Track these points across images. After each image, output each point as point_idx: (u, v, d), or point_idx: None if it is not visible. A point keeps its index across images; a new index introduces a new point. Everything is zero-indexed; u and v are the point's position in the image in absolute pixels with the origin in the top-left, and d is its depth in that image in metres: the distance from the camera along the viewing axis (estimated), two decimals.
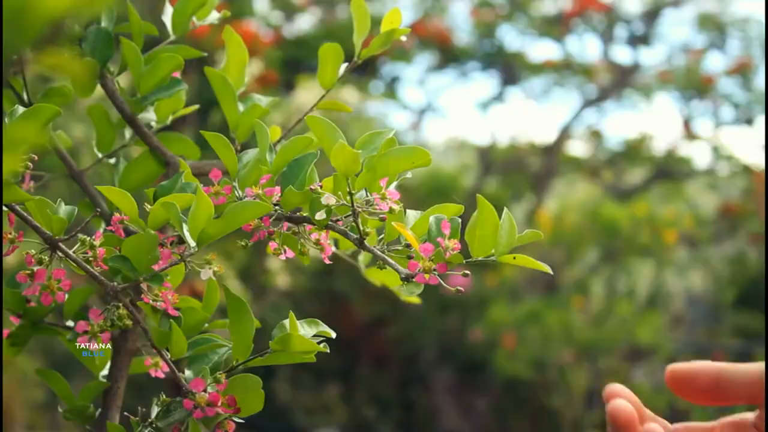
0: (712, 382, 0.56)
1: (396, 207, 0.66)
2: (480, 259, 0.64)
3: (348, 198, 0.65)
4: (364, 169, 0.65)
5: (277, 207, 0.68)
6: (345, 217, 0.68)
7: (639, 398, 0.57)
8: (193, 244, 0.65)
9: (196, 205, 0.64)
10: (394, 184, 0.68)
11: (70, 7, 0.39)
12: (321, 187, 0.67)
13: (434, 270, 0.63)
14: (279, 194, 0.68)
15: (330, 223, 0.68)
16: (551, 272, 0.63)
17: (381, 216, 0.66)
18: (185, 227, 0.65)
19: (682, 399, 0.57)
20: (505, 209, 0.64)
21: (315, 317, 0.70)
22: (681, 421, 0.59)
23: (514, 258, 0.64)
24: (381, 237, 0.69)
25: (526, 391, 4.41)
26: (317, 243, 0.70)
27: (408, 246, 0.67)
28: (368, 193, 0.67)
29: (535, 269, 0.66)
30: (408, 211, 0.68)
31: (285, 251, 0.70)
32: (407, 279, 0.64)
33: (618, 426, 0.54)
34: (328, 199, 0.66)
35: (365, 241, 0.67)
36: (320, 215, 0.67)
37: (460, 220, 0.65)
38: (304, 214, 0.69)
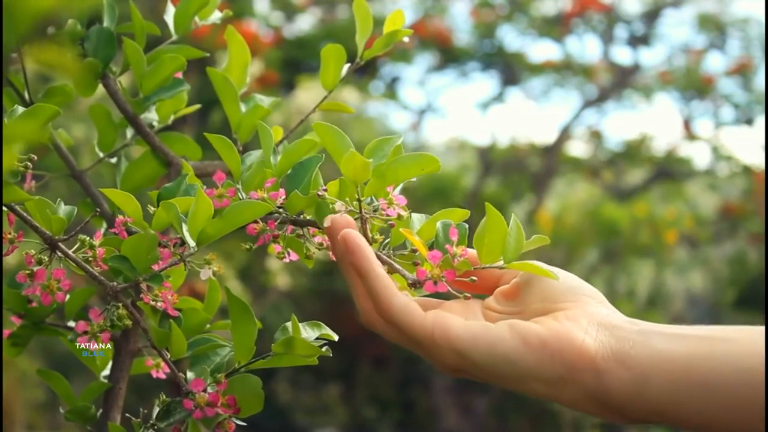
0: (473, 261, 0.65)
1: (404, 213, 0.66)
2: (488, 266, 0.64)
3: (356, 204, 0.65)
4: (374, 176, 0.64)
5: (281, 209, 0.68)
6: None
7: None
8: (192, 244, 0.65)
9: (195, 205, 0.64)
10: (399, 187, 0.68)
11: (59, 2, 0.39)
12: (326, 191, 0.67)
13: (443, 277, 0.63)
14: (284, 197, 0.68)
15: None
16: (558, 279, 0.64)
17: (390, 222, 0.66)
18: (185, 227, 0.65)
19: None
20: (513, 215, 0.64)
21: (315, 317, 0.70)
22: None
23: (522, 264, 0.64)
24: (386, 241, 0.68)
25: None
26: (321, 245, 0.70)
27: (414, 251, 0.67)
28: (375, 199, 0.67)
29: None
30: (413, 215, 0.68)
31: (288, 254, 0.70)
32: (414, 285, 0.64)
33: (329, 234, 0.65)
34: (339, 207, 0.66)
35: (372, 246, 0.67)
36: (327, 222, 0.66)
37: (467, 226, 0.65)
38: (308, 217, 0.69)
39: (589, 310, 0.61)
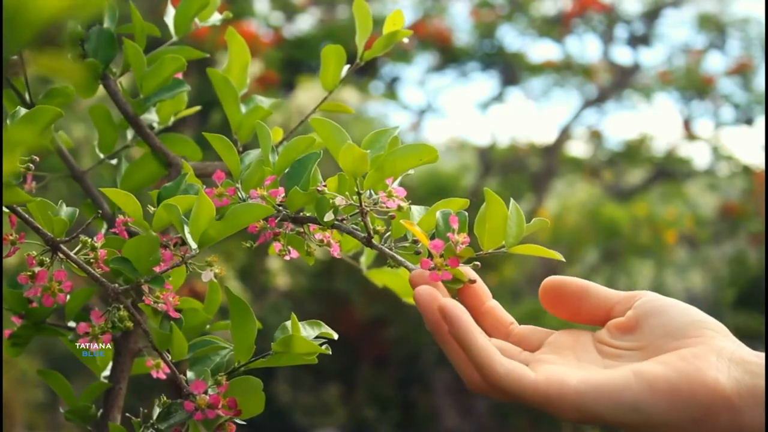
0: (581, 290, 0.64)
1: (404, 204, 0.66)
2: (491, 251, 0.64)
3: (356, 198, 0.65)
4: (372, 168, 0.64)
5: (280, 207, 0.68)
6: (350, 216, 0.68)
7: None
8: (194, 245, 0.65)
9: (197, 206, 0.64)
10: (398, 181, 0.68)
11: (66, 7, 0.39)
12: (326, 187, 0.67)
13: (446, 265, 0.63)
14: (283, 195, 0.68)
15: (336, 222, 0.68)
16: (563, 260, 0.64)
17: (390, 214, 0.66)
18: (186, 229, 0.65)
19: (552, 314, 0.65)
20: (512, 201, 0.64)
21: (315, 317, 0.70)
22: None
23: (525, 247, 0.64)
24: (387, 235, 0.68)
25: None
26: (322, 242, 0.70)
27: (415, 242, 0.67)
28: (374, 192, 0.67)
29: (535, 270, 0.66)
30: (412, 207, 0.68)
31: (289, 252, 0.70)
32: None
33: (422, 305, 0.61)
34: (340, 201, 0.66)
35: (372, 240, 0.67)
36: (329, 216, 0.66)
37: (467, 214, 0.65)
38: (308, 214, 0.69)
39: (717, 345, 0.58)
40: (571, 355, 0.62)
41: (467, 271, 0.64)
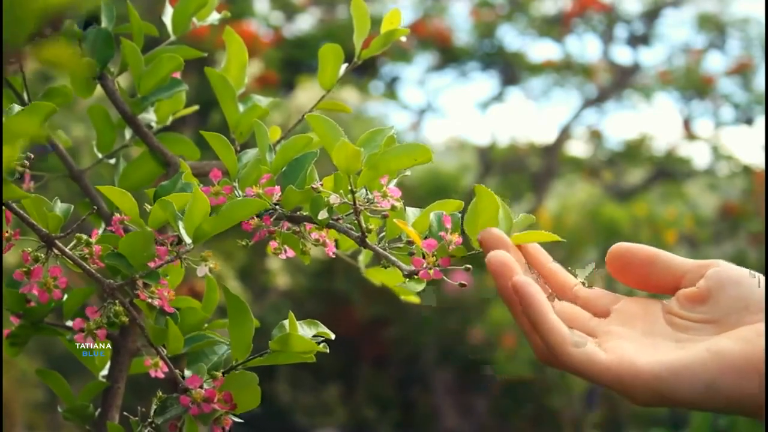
0: (650, 257, 0.62)
1: (398, 204, 0.66)
2: (481, 250, 0.64)
3: (350, 196, 0.65)
4: (366, 166, 0.64)
5: (277, 206, 0.68)
6: (346, 215, 0.68)
7: None
8: (189, 240, 0.65)
9: (192, 201, 0.64)
10: (395, 181, 0.68)
11: (68, 0, 0.39)
12: (322, 185, 0.67)
13: (438, 265, 0.63)
14: (279, 193, 0.68)
15: (331, 221, 0.68)
16: (563, 240, 0.63)
17: (383, 213, 0.66)
18: (181, 224, 0.65)
19: (619, 281, 0.64)
20: (499, 200, 0.63)
21: (315, 317, 0.70)
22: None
23: (526, 235, 0.63)
24: (382, 235, 0.68)
25: (526, 391, 4.41)
26: (318, 241, 0.70)
27: (409, 243, 0.67)
28: (369, 191, 0.67)
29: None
30: (408, 208, 0.68)
31: (285, 251, 0.70)
32: (410, 276, 0.64)
33: (495, 273, 0.60)
34: (334, 199, 0.66)
35: (367, 239, 0.67)
36: (323, 214, 0.67)
37: (461, 216, 0.65)
38: (305, 213, 0.69)
39: None
40: (640, 326, 0.61)
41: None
